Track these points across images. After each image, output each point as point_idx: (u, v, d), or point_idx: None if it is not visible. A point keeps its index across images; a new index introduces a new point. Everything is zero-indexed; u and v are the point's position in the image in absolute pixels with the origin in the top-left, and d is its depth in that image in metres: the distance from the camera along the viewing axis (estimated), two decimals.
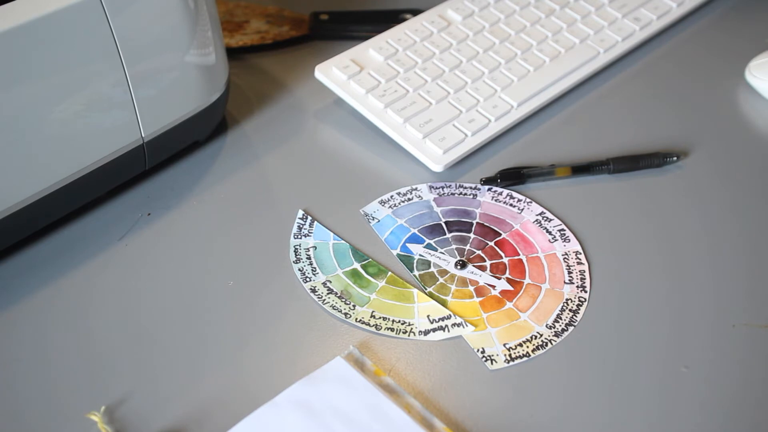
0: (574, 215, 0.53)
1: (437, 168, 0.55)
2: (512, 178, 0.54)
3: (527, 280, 0.49)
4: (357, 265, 0.49)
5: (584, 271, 0.49)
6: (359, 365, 0.43)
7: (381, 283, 0.48)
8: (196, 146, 0.58)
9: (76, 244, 0.50)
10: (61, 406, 0.42)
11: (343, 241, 0.51)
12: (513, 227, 0.52)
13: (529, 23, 0.66)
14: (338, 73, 0.59)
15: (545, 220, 0.52)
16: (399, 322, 0.46)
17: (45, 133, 0.45)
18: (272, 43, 0.68)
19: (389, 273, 0.49)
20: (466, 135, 0.56)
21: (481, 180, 0.55)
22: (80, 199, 0.51)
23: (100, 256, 0.50)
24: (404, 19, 0.67)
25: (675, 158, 0.56)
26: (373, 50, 0.62)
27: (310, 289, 0.47)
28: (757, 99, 0.63)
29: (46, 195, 0.47)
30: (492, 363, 0.44)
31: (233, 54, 0.66)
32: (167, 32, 0.49)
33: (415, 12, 0.69)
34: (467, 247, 0.51)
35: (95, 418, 0.40)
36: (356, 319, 0.46)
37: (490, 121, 0.57)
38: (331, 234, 0.51)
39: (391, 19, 0.69)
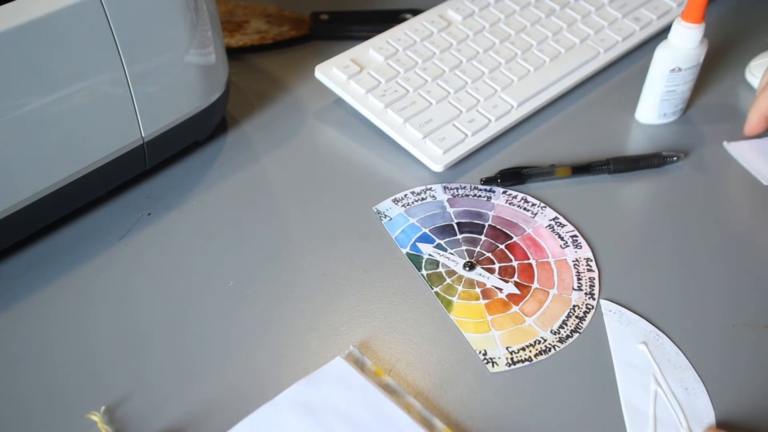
0: (575, 216, 0.53)
1: (437, 168, 0.55)
2: (512, 178, 0.54)
3: (535, 285, 0.48)
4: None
5: (594, 279, 0.49)
6: (359, 365, 0.43)
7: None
8: (196, 146, 0.58)
9: (76, 244, 0.50)
10: (61, 406, 0.42)
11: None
12: (525, 231, 0.52)
13: (529, 23, 0.66)
14: (338, 73, 0.59)
15: (558, 226, 0.52)
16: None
17: (45, 133, 0.45)
18: (272, 43, 0.68)
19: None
20: (466, 135, 0.56)
21: (481, 180, 0.55)
22: (80, 199, 0.51)
23: (100, 256, 0.50)
24: (404, 19, 0.67)
25: (675, 158, 0.56)
26: (373, 50, 0.62)
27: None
28: None
29: (46, 195, 0.47)
30: (493, 366, 0.44)
31: (233, 54, 0.66)
32: (167, 32, 0.49)
33: (415, 12, 0.69)
34: (477, 249, 0.50)
35: (95, 418, 0.40)
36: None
37: (490, 121, 0.57)
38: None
39: (391, 19, 0.69)
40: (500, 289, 0.48)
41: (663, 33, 0.69)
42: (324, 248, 0.50)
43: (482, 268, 0.49)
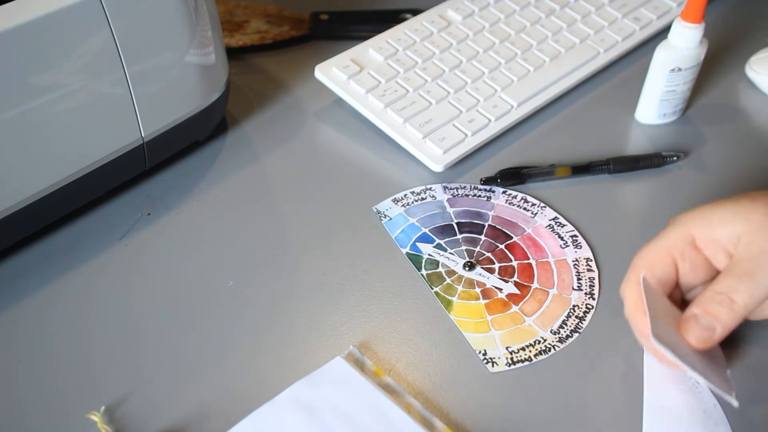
0: (575, 216, 0.53)
1: (437, 168, 0.55)
2: (512, 178, 0.54)
3: (535, 285, 0.48)
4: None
5: (594, 279, 0.49)
6: (359, 365, 0.43)
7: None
8: (196, 146, 0.58)
9: (76, 244, 0.50)
10: (61, 406, 0.42)
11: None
12: (525, 231, 0.52)
13: (529, 23, 0.66)
14: (338, 73, 0.59)
15: (558, 225, 0.52)
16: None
17: (45, 133, 0.45)
18: (272, 43, 0.68)
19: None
20: (466, 135, 0.56)
21: (481, 180, 0.55)
22: (80, 199, 0.51)
23: (100, 256, 0.50)
24: (404, 19, 0.67)
25: (675, 158, 0.56)
26: (373, 50, 0.62)
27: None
28: (757, 94, 0.63)
29: (46, 195, 0.47)
30: (493, 366, 0.44)
31: (233, 54, 0.66)
32: (167, 32, 0.49)
33: (415, 12, 0.69)
34: (477, 249, 0.50)
35: (95, 418, 0.40)
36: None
37: (490, 121, 0.57)
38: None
39: (391, 19, 0.69)
40: (500, 289, 0.48)
41: (663, 33, 0.69)
42: (324, 248, 0.50)
43: (482, 268, 0.49)
